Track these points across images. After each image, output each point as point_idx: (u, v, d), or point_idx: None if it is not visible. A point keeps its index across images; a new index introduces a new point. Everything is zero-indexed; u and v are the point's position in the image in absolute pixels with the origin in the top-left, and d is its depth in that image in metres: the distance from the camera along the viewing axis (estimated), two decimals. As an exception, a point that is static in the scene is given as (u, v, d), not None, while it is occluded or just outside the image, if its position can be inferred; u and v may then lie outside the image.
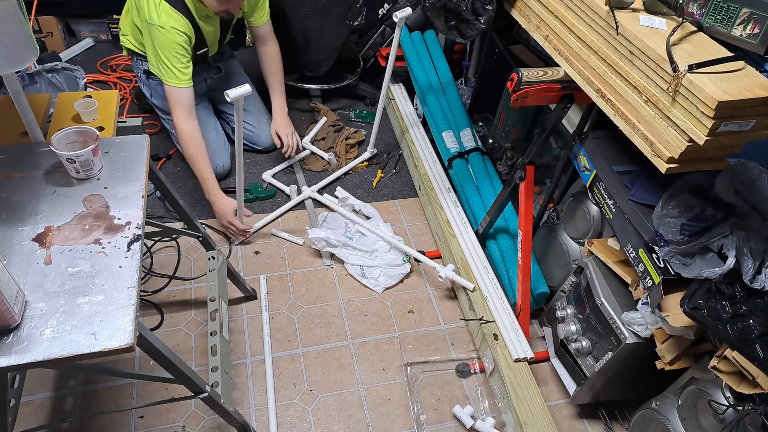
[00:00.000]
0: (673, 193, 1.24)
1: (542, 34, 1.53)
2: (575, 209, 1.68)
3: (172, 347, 1.69)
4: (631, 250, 1.35)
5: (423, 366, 1.75)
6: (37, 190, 1.12)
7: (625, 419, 1.66)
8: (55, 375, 1.62)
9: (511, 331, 1.68)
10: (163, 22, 1.80)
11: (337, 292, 1.94)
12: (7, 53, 1.09)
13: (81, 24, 2.95)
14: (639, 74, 1.18)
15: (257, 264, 2.00)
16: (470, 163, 2.16)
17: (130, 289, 0.97)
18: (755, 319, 1.11)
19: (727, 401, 1.18)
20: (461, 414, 1.61)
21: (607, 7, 1.24)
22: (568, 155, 1.61)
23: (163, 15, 1.80)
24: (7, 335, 0.88)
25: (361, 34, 2.84)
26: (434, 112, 2.31)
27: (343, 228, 2.10)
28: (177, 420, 1.56)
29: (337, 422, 1.60)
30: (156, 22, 1.80)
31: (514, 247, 1.86)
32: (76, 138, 1.17)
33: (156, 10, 1.80)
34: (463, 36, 1.74)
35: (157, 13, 1.80)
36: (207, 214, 2.15)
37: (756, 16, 1.15)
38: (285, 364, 1.72)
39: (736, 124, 1.04)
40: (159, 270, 1.92)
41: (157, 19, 1.79)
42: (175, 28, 1.82)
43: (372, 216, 2.15)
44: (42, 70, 2.00)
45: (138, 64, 2.15)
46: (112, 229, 1.06)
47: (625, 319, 1.36)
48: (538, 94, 1.47)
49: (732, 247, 1.15)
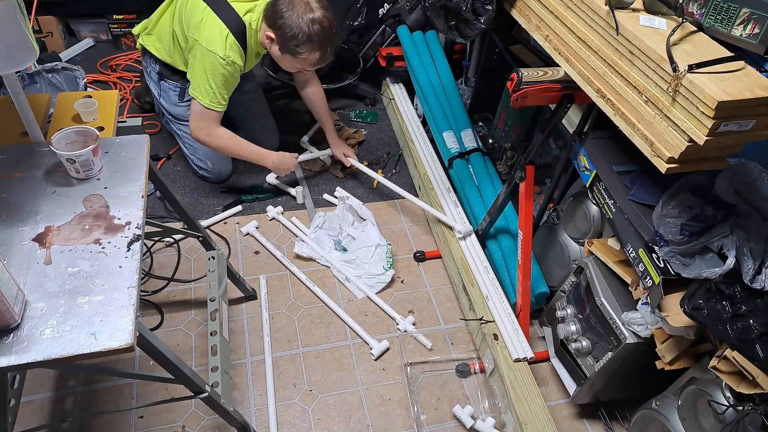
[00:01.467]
0: (673, 193, 1.24)
1: (542, 34, 1.53)
2: (575, 209, 1.68)
3: (172, 347, 1.69)
4: (631, 250, 1.35)
5: (423, 366, 1.75)
6: (37, 190, 1.12)
7: (625, 419, 1.66)
8: (55, 375, 1.62)
9: (511, 331, 1.68)
10: (225, 54, 1.82)
11: (337, 292, 1.94)
12: (7, 53, 1.09)
13: (81, 24, 2.95)
14: (639, 74, 1.18)
15: (257, 264, 2.00)
16: (471, 163, 2.16)
17: (130, 289, 0.97)
18: (755, 319, 1.11)
19: (727, 401, 1.18)
20: (461, 414, 1.61)
21: (607, 7, 1.24)
22: (568, 155, 1.61)
23: (228, 48, 1.83)
24: (7, 335, 0.88)
25: (361, 34, 2.84)
26: (435, 112, 2.31)
27: (337, 229, 2.10)
28: (177, 420, 1.56)
29: (337, 422, 1.60)
30: (219, 52, 1.82)
31: (515, 246, 1.86)
32: (76, 138, 1.17)
33: (222, 41, 1.81)
34: (463, 36, 1.74)
35: (223, 44, 1.81)
36: (207, 214, 2.15)
37: (756, 16, 1.15)
38: (285, 364, 1.72)
39: (736, 124, 1.04)
40: (159, 270, 1.92)
41: (221, 49, 1.82)
42: (236, 62, 1.86)
43: (366, 218, 2.12)
44: (42, 70, 2.00)
45: (152, 63, 2.13)
46: (112, 229, 1.06)
47: (625, 319, 1.36)
48: (538, 94, 1.47)
49: (732, 247, 1.15)
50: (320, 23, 1.77)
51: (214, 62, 1.83)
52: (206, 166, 2.22)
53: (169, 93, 2.15)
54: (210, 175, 2.24)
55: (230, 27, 1.83)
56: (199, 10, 1.85)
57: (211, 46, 1.81)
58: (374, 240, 2.03)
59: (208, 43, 1.82)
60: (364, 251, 2.00)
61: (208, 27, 1.82)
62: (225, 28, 1.82)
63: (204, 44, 1.82)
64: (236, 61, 1.86)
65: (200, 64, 1.85)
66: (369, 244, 2.01)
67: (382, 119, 2.74)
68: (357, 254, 2.00)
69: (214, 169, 2.22)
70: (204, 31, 1.82)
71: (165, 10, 2.04)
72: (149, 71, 2.16)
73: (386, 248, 2.03)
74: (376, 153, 2.54)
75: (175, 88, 2.12)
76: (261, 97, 2.37)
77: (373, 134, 2.64)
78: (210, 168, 2.22)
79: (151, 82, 2.19)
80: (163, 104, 2.20)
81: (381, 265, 1.98)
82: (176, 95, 2.13)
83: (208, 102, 1.90)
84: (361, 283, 1.94)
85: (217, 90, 1.88)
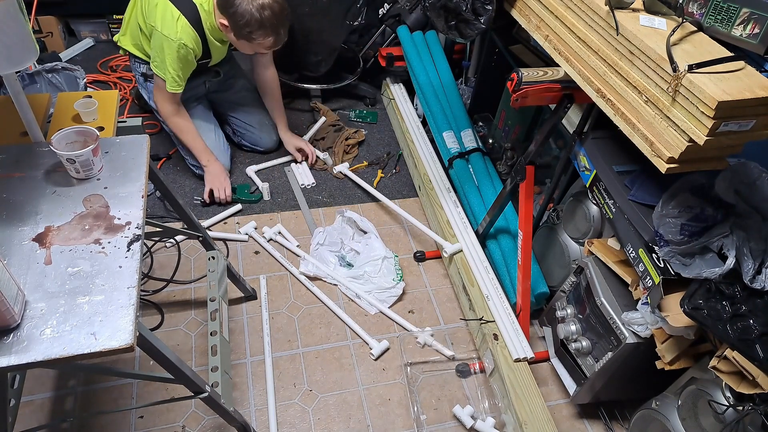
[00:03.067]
0: (673, 193, 1.24)
1: (542, 34, 1.53)
2: (575, 209, 1.68)
3: (172, 347, 1.69)
4: (631, 250, 1.35)
5: (423, 366, 1.75)
6: (37, 190, 1.12)
7: (625, 419, 1.66)
8: (55, 375, 1.62)
9: (511, 331, 1.68)
10: (176, 36, 1.86)
11: (338, 293, 1.94)
12: (7, 53, 1.09)
13: (81, 24, 2.95)
14: (639, 74, 1.18)
15: (257, 264, 2.00)
16: (471, 163, 2.16)
17: (130, 289, 0.97)
18: (755, 319, 1.11)
19: (727, 401, 1.18)
20: (461, 414, 1.61)
21: (607, 7, 1.24)
22: (568, 155, 1.61)
23: (180, 29, 1.87)
24: (7, 335, 0.88)
25: (361, 34, 2.85)
26: (435, 112, 2.31)
27: (339, 244, 2.06)
28: (177, 420, 1.56)
29: (337, 422, 1.60)
30: (169, 34, 1.86)
31: (515, 246, 1.86)
32: (76, 138, 1.17)
33: (173, 23, 1.86)
34: (463, 36, 1.74)
35: (174, 26, 1.86)
36: (207, 214, 2.15)
37: (756, 16, 1.15)
38: (285, 364, 1.72)
39: (736, 124, 1.04)
40: (159, 270, 1.92)
41: (171, 31, 1.86)
42: (185, 44, 1.89)
43: (368, 230, 2.10)
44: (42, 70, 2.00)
45: (136, 67, 2.16)
46: (112, 229, 1.06)
47: (625, 319, 1.36)
48: (538, 94, 1.47)
49: (732, 247, 1.15)
50: (271, 8, 1.81)
51: (169, 45, 1.88)
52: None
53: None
54: None
55: (182, 10, 1.87)
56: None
57: (165, 30, 1.87)
58: (380, 253, 1.99)
59: (162, 27, 1.87)
60: (371, 265, 1.97)
61: (161, 11, 1.87)
62: (177, 11, 1.87)
63: (159, 29, 1.87)
64: (187, 43, 1.90)
65: (157, 45, 1.91)
66: (375, 258, 1.98)
67: (382, 119, 2.74)
68: (364, 269, 1.96)
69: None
70: (158, 17, 1.88)
71: (133, 7, 2.08)
72: (136, 76, 2.21)
73: (394, 260, 2.01)
74: (376, 153, 2.54)
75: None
76: (255, 95, 2.38)
77: (373, 134, 2.64)
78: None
79: (139, 86, 2.24)
80: (152, 105, 2.21)
81: (391, 277, 1.95)
82: None
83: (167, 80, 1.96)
84: (372, 298, 1.90)
85: (174, 71, 1.93)
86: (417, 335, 1.80)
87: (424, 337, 1.79)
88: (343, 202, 2.28)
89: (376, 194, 2.24)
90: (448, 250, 1.94)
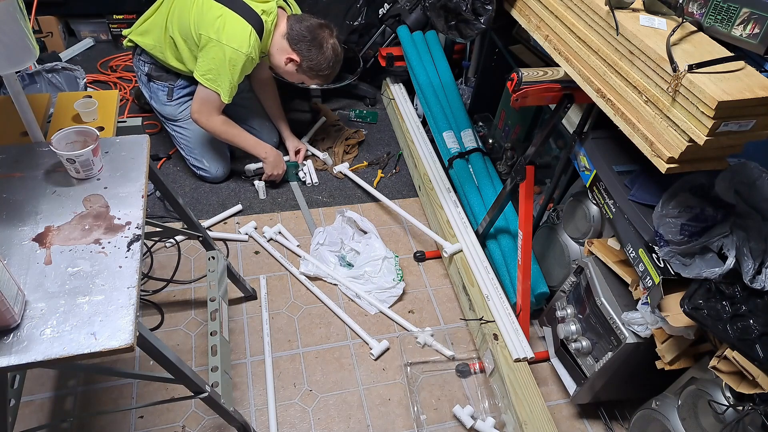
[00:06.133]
0: (673, 193, 1.24)
1: (542, 34, 1.53)
2: (575, 209, 1.68)
3: (172, 347, 1.69)
4: (631, 250, 1.35)
5: (423, 366, 1.75)
6: (37, 190, 1.12)
7: (625, 419, 1.66)
8: (55, 375, 1.62)
9: (511, 331, 1.68)
10: (247, 50, 1.88)
11: (338, 292, 1.94)
12: (7, 53, 1.09)
13: (81, 24, 2.95)
14: (639, 74, 1.18)
15: (257, 264, 2.00)
16: (471, 163, 2.16)
17: (130, 289, 0.97)
18: (755, 319, 1.11)
19: (727, 401, 1.18)
20: (461, 414, 1.61)
21: (607, 7, 1.24)
22: (568, 155, 1.61)
23: (252, 43, 1.89)
24: (7, 335, 0.88)
25: (361, 34, 2.84)
26: (435, 112, 2.31)
27: (339, 244, 2.06)
28: (177, 420, 1.56)
29: (337, 422, 1.60)
30: (240, 47, 1.87)
31: (515, 246, 1.86)
32: (76, 138, 1.17)
33: (245, 37, 1.88)
34: (463, 36, 1.74)
35: (246, 39, 1.88)
36: (207, 214, 2.15)
37: (756, 16, 1.15)
38: (285, 364, 1.72)
39: (736, 124, 1.04)
40: (159, 269, 1.92)
41: (241, 44, 1.87)
42: (254, 57, 1.94)
43: (369, 230, 2.10)
44: (42, 70, 2.00)
45: (141, 66, 2.15)
46: (112, 229, 1.06)
47: (625, 319, 1.36)
48: (538, 94, 1.46)
49: (732, 247, 1.15)
50: (337, 53, 2.00)
51: (237, 57, 1.89)
52: (203, 166, 2.23)
53: (158, 93, 2.17)
54: (207, 174, 2.25)
55: (252, 25, 1.89)
56: (214, 8, 1.89)
57: (234, 43, 1.87)
58: (380, 253, 1.99)
59: (230, 40, 1.86)
60: (371, 265, 1.97)
61: (229, 25, 1.87)
62: (248, 25, 1.88)
63: (225, 41, 1.87)
64: (255, 57, 1.95)
65: (219, 59, 1.89)
66: (375, 258, 1.98)
67: (382, 119, 2.74)
68: (364, 269, 1.97)
69: (211, 168, 2.23)
70: (225, 29, 1.87)
71: (158, 7, 2.06)
72: (139, 74, 2.20)
73: (394, 261, 2.01)
74: (376, 153, 2.54)
75: (163, 88, 2.15)
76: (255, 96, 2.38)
77: (373, 134, 2.64)
78: (206, 167, 2.23)
79: (141, 84, 2.23)
80: (154, 106, 2.22)
81: (391, 277, 1.95)
82: (165, 95, 2.16)
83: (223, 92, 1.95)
84: (372, 298, 1.90)
85: (231, 81, 1.94)
86: (417, 335, 1.80)
87: (424, 337, 1.79)
88: (343, 202, 2.28)
89: (376, 194, 2.25)
90: (448, 250, 1.94)
